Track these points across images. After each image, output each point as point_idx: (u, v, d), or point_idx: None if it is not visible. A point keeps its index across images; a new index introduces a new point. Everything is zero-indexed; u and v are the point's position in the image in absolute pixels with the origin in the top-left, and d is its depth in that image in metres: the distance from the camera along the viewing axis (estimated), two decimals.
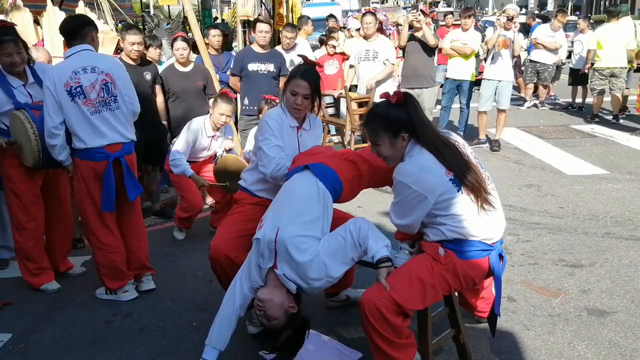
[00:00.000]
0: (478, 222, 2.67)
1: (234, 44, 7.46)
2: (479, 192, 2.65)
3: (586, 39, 10.38)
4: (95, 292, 4.10)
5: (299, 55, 4.45)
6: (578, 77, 10.69)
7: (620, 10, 9.81)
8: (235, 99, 6.87)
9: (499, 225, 2.78)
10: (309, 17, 8.55)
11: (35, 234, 4.12)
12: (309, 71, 3.40)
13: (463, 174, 2.64)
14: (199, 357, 2.92)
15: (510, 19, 7.62)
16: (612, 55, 9.31)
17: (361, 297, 2.71)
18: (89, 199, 3.81)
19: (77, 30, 3.74)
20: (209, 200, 6.17)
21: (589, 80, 9.86)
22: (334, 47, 8.30)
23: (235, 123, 6.75)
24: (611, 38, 9.30)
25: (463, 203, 2.63)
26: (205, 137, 4.98)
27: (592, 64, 9.70)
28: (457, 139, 2.81)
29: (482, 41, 8.82)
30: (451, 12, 14.92)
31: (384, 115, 2.73)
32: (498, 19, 7.99)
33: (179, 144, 4.90)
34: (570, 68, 11.06)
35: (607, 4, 33.39)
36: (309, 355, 3.15)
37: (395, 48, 7.73)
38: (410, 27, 7.56)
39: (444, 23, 13.17)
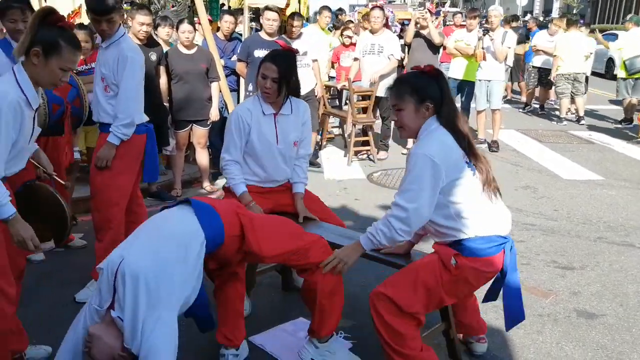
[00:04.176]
0: (490, 212, 2.63)
1: (239, 29, 7.42)
2: (488, 181, 2.61)
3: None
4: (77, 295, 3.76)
5: (277, 41, 4.46)
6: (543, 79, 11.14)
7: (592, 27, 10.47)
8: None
9: (508, 216, 2.73)
10: (329, 8, 8.46)
11: None
12: (280, 56, 3.43)
13: (476, 160, 2.61)
14: (191, 344, 2.96)
15: (485, 32, 7.87)
16: (573, 61, 9.90)
17: (369, 297, 2.70)
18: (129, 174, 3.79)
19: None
20: (207, 185, 6.19)
21: (554, 85, 10.43)
22: (350, 37, 8.30)
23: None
24: (572, 45, 9.90)
25: (476, 188, 2.60)
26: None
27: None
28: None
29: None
30: (460, 12, 14.94)
31: (413, 80, 2.68)
32: (479, 31, 8.08)
33: None
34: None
35: (611, 13, 33.40)
36: (300, 342, 3.16)
37: None
38: (417, 24, 7.58)
39: (452, 22, 13.18)
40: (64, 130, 4.12)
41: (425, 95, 2.62)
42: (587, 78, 10.30)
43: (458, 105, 8.97)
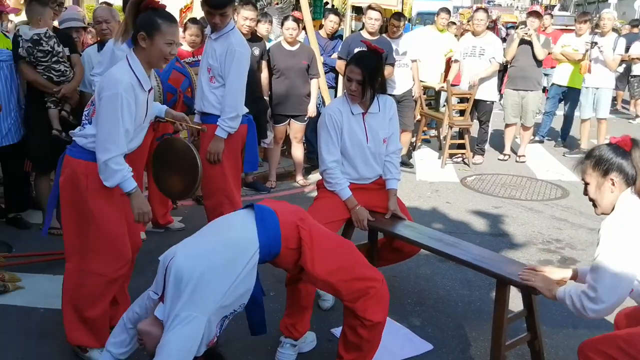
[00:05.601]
0: None
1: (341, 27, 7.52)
2: None
3: None
4: None
5: (362, 41, 4.49)
6: None
7: None
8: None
9: None
10: (447, 10, 8.36)
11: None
12: (364, 58, 3.44)
13: None
14: (276, 326, 3.07)
15: (594, 44, 7.54)
16: None
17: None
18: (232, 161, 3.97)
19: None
20: (300, 179, 6.33)
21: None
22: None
23: None
24: None
25: None
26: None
27: None
28: None
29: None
30: (549, 14, 14.18)
31: (598, 152, 2.48)
32: (587, 43, 7.69)
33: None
34: None
35: None
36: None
37: None
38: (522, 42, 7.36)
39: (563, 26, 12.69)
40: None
41: (610, 167, 2.43)
42: None
43: (560, 112, 8.69)
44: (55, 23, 5.13)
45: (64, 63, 4.44)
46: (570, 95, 8.26)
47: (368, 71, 3.36)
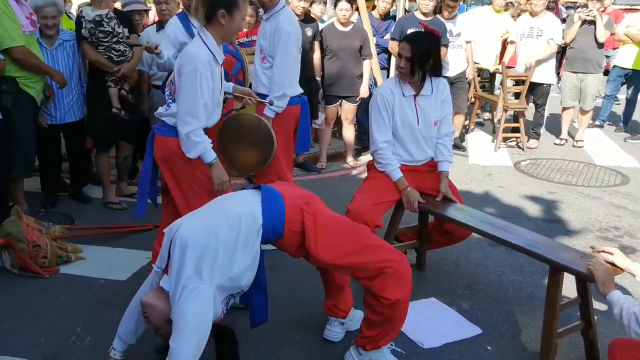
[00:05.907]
0: None
1: (392, 9, 7.43)
2: None
3: None
4: None
5: (420, 23, 4.42)
6: None
7: None
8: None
9: None
10: None
11: None
12: (417, 38, 3.46)
13: None
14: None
15: None
16: None
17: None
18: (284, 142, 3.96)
19: None
20: (350, 160, 6.33)
21: None
22: None
23: None
24: None
25: None
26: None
27: None
28: None
29: None
30: None
31: None
32: None
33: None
34: None
35: None
36: (428, 321, 3.21)
37: None
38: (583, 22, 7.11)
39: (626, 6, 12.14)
40: (226, 100, 4.44)
41: None
42: None
43: (623, 96, 8.39)
44: (118, 5, 5.26)
45: (123, 43, 4.56)
46: (634, 78, 7.95)
47: (419, 51, 3.37)
